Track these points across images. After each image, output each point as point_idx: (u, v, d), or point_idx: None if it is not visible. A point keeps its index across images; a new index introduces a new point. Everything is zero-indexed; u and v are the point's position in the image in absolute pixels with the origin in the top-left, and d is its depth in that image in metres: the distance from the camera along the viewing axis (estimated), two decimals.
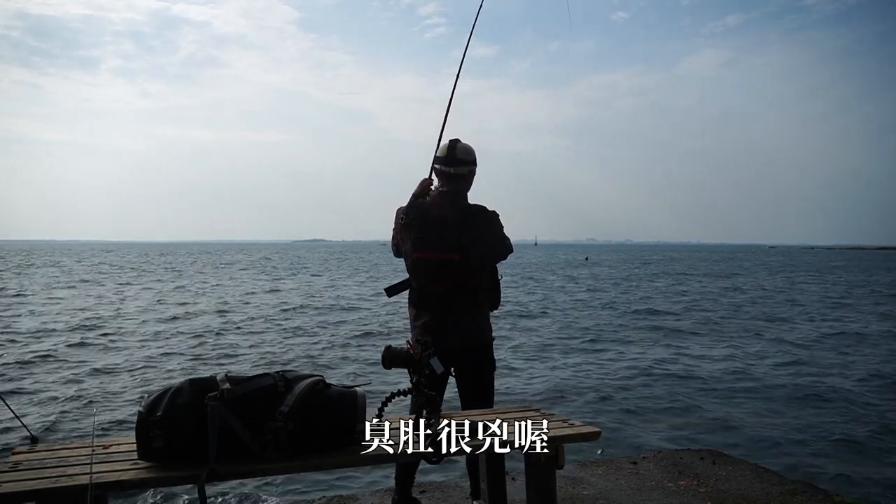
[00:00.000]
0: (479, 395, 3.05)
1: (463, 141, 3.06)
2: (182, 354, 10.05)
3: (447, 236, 2.89)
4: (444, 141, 3.08)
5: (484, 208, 3.00)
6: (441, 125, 3.22)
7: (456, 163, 2.97)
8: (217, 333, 12.40)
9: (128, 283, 27.32)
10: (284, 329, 13.22)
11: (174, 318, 14.80)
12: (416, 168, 3.08)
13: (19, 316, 15.03)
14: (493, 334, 3.12)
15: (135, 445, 2.06)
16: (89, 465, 1.92)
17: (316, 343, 11.37)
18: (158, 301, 19.14)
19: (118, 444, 2.27)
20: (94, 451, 2.12)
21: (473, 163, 3.04)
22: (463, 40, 3.54)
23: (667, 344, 11.54)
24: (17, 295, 20.56)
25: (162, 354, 10.05)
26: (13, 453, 2.19)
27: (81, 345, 10.87)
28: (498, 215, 3.03)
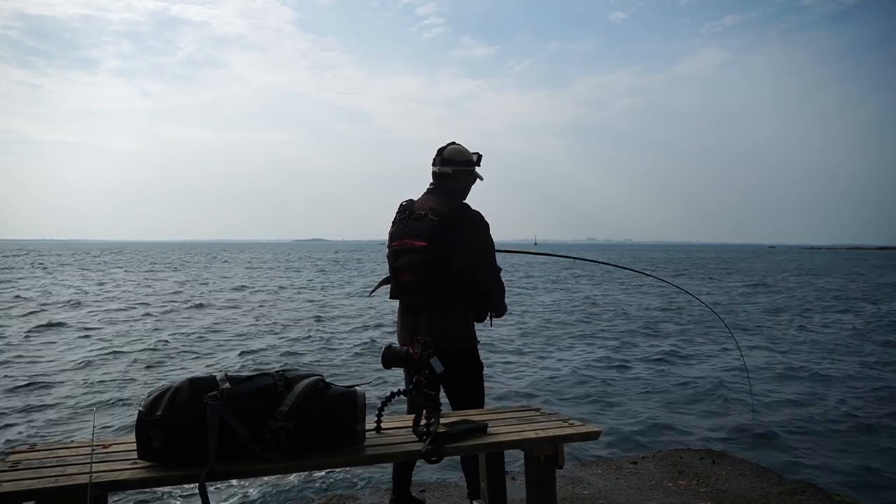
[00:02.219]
0: (461, 401, 3.01)
1: (462, 145, 3.13)
2: None
3: (423, 226, 2.89)
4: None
5: (467, 205, 3.00)
6: None
7: (443, 161, 3.05)
8: None
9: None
10: None
11: None
12: (415, 167, 3.12)
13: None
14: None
15: (134, 445, 2.07)
16: (89, 465, 1.92)
17: None
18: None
19: (118, 444, 2.28)
20: (93, 450, 2.12)
21: (463, 164, 3.05)
22: (461, 40, 3.53)
23: (674, 340, 11.54)
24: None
25: None
26: (13, 453, 2.20)
27: None
28: (482, 216, 3.00)
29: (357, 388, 2.29)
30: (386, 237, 3.10)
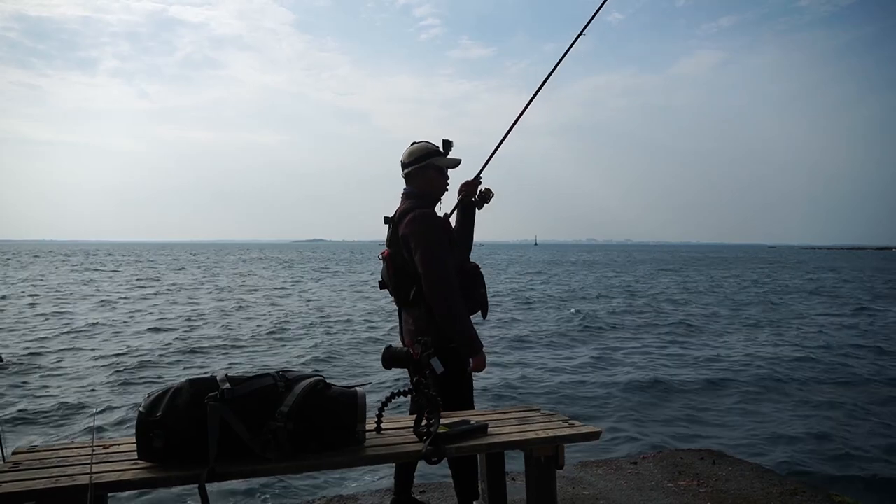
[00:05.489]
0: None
1: (425, 141, 3.05)
2: None
3: (388, 234, 2.98)
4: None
5: (415, 205, 2.92)
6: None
7: (401, 165, 3.05)
8: None
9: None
10: None
11: None
12: None
13: None
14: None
15: (135, 445, 2.07)
16: (89, 465, 1.93)
17: None
18: None
19: (118, 444, 2.28)
20: (94, 451, 2.13)
21: (415, 161, 2.98)
22: (458, 41, 3.43)
23: (674, 341, 11.54)
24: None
25: None
26: (13, 453, 2.20)
27: None
28: (424, 213, 2.88)
29: (357, 388, 2.30)
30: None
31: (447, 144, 3.02)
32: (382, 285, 3.09)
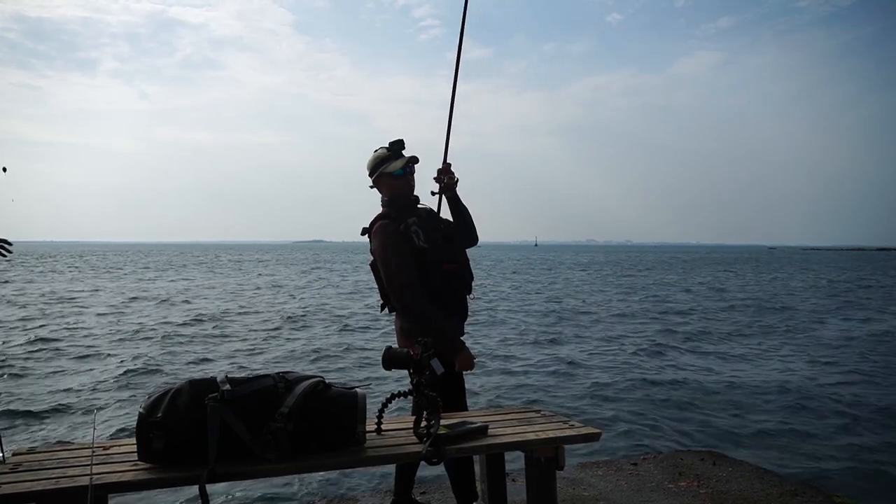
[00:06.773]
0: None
1: (378, 149, 3.05)
2: None
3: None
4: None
5: (379, 219, 2.98)
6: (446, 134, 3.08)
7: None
8: None
9: None
10: None
11: None
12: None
13: None
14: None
15: (135, 446, 2.07)
16: (89, 466, 1.93)
17: None
18: None
19: (118, 445, 2.28)
20: (94, 452, 2.13)
21: (370, 177, 3.06)
22: (458, 42, 3.24)
23: (677, 343, 11.53)
24: None
25: None
26: (13, 454, 2.20)
27: None
28: (383, 224, 2.92)
29: (357, 389, 2.30)
30: None
31: (395, 145, 3.00)
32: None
